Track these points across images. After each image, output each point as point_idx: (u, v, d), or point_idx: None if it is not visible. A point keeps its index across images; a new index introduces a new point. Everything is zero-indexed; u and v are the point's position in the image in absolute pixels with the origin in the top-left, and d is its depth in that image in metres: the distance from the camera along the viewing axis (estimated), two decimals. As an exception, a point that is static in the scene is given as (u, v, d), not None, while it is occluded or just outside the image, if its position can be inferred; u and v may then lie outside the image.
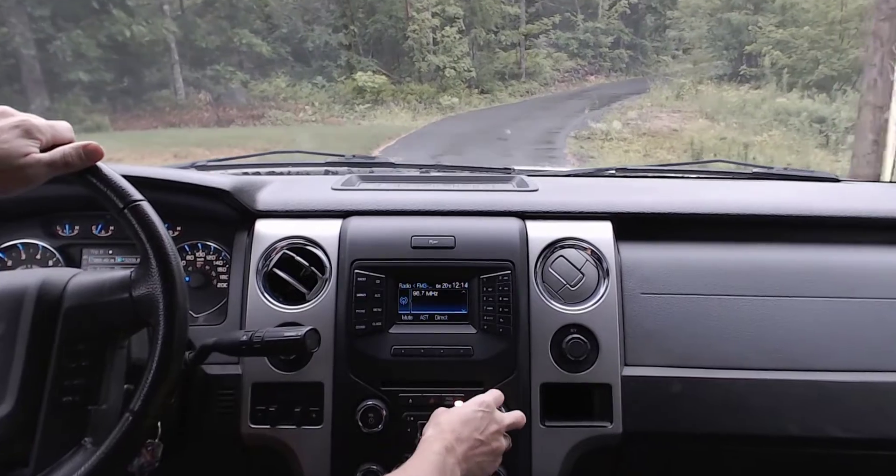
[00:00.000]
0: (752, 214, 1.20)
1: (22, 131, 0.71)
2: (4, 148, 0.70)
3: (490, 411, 0.93)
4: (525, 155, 9.14)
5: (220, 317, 1.12)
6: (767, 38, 14.99)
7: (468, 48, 18.53)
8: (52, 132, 0.74)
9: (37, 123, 0.73)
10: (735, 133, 10.59)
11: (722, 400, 1.05)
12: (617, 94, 17.22)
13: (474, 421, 0.90)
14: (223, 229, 1.19)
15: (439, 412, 0.94)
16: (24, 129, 0.71)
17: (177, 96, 15.26)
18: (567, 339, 1.06)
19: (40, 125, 0.73)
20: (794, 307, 1.11)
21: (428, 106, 16.09)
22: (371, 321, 1.06)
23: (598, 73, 22.44)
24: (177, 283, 0.77)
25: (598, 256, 1.12)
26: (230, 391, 1.06)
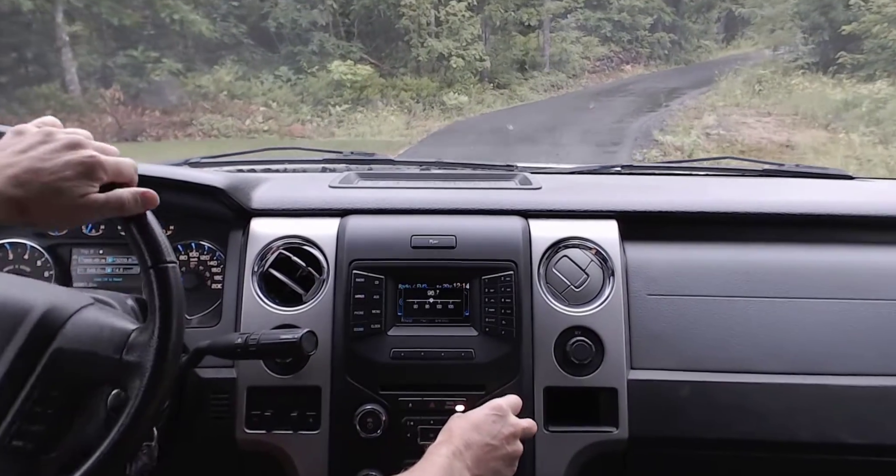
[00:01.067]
0: (762, 213, 1.20)
1: (86, 169, 0.70)
2: (65, 186, 0.69)
3: (504, 415, 0.93)
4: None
5: (215, 319, 1.13)
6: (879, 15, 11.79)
7: (480, 30, 15.29)
8: (115, 171, 0.73)
9: (103, 162, 0.71)
10: (874, 148, 7.46)
11: (731, 404, 1.05)
12: (669, 89, 14.77)
13: (486, 425, 0.90)
14: (217, 228, 1.19)
15: (453, 418, 0.94)
16: (89, 167, 0.70)
17: (67, 92, 11.16)
18: (571, 341, 1.06)
19: (106, 164, 0.71)
20: (807, 309, 1.11)
21: (428, 106, 13.26)
22: (370, 323, 1.06)
23: (635, 62, 20.11)
24: (167, 361, 0.75)
25: (603, 256, 1.12)
26: (225, 395, 1.06)
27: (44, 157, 0.69)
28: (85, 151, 0.71)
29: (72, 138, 0.71)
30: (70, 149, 0.70)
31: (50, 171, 0.68)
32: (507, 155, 8.39)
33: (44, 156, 0.69)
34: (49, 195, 0.68)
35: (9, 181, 0.67)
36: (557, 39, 18.02)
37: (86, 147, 0.71)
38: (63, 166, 0.69)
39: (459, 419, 0.93)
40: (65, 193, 0.69)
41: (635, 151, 8.18)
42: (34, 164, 0.68)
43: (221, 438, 1.05)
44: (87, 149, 0.71)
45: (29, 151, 0.69)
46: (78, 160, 0.70)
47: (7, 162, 0.68)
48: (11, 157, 0.69)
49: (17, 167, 0.68)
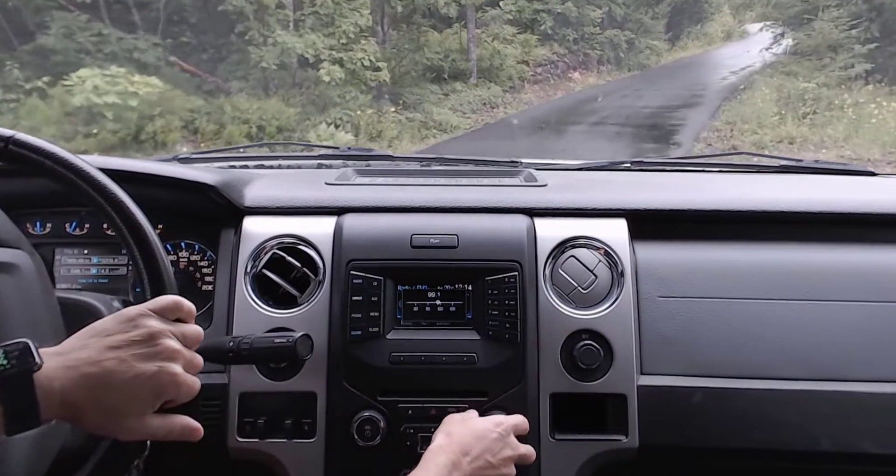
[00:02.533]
0: (779, 211, 1.20)
1: (160, 389, 0.66)
2: (130, 404, 0.65)
3: (507, 434, 0.93)
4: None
5: (205, 322, 1.13)
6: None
7: (371, 21, 10.11)
8: (181, 395, 0.69)
9: (180, 384, 0.68)
10: None
11: (746, 412, 1.05)
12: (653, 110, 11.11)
13: (488, 440, 0.90)
14: (208, 227, 1.19)
15: (452, 419, 0.95)
16: (165, 387, 0.67)
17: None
18: (578, 345, 1.06)
19: (181, 389, 0.68)
20: (826, 312, 1.10)
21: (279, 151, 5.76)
22: (368, 326, 1.06)
23: (584, 68, 16.53)
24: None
25: (611, 257, 1.12)
26: (216, 402, 1.06)
27: (131, 364, 0.65)
28: (172, 367, 0.67)
29: (169, 347, 0.68)
30: (161, 359, 0.67)
31: (125, 380, 0.65)
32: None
33: (132, 361, 0.65)
34: (109, 406, 0.65)
35: (80, 381, 0.63)
36: (486, 37, 13.76)
37: (178, 360, 0.68)
38: (143, 380, 0.65)
39: (459, 424, 0.93)
40: (124, 409, 0.66)
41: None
42: (116, 367, 0.65)
43: (212, 447, 1.06)
44: (177, 364, 0.68)
45: (120, 350, 0.66)
46: (158, 376, 0.67)
47: (92, 357, 0.65)
48: (100, 352, 0.65)
49: (99, 367, 0.64)
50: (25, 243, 0.82)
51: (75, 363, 0.64)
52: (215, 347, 0.94)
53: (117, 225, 0.80)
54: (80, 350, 0.66)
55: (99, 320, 0.69)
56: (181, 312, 0.73)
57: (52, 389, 0.62)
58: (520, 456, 0.94)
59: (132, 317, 0.69)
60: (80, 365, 0.64)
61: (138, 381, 0.65)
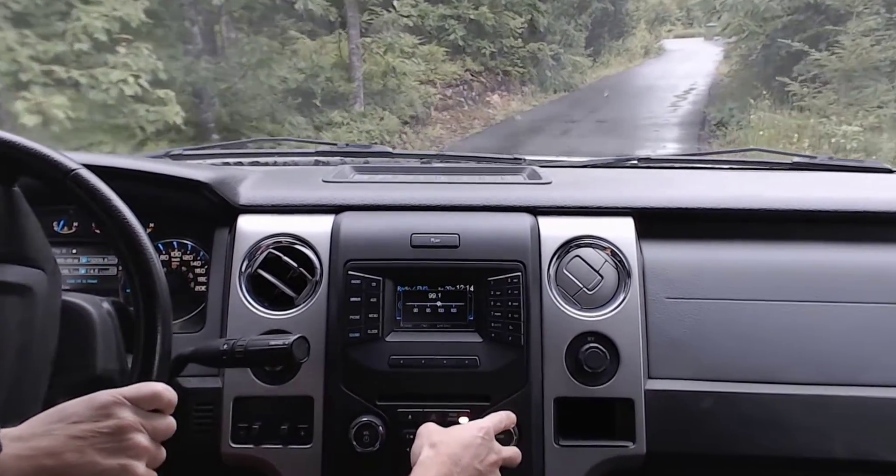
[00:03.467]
0: (792, 210, 1.20)
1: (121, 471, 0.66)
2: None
3: (490, 439, 0.93)
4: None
5: (198, 324, 1.13)
6: None
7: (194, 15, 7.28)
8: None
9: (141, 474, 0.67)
10: None
11: (758, 417, 1.05)
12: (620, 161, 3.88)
13: (474, 447, 0.90)
14: (201, 226, 1.19)
15: (432, 430, 0.94)
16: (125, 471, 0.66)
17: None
18: (584, 348, 1.06)
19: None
20: (840, 314, 1.10)
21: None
22: (366, 328, 1.06)
23: (505, 88, 13.65)
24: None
25: (618, 257, 1.12)
26: (209, 406, 1.06)
27: (92, 458, 0.64)
28: (135, 467, 0.67)
29: (137, 444, 0.67)
30: (126, 456, 0.66)
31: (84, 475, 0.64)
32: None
33: (94, 456, 0.65)
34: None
35: (35, 473, 0.62)
36: (377, 49, 10.15)
37: (141, 458, 0.68)
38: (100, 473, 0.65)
39: (445, 434, 0.93)
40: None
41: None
42: (77, 461, 0.64)
43: (205, 453, 1.06)
44: (141, 460, 0.68)
45: (84, 441, 0.65)
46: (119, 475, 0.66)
47: (54, 447, 0.64)
48: (62, 442, 0.64)
49: (58, 459, 0.63)
50: (50, 262, 0.81)
51: (34, 453, 0.63)
52: (209, 350, 0.94)
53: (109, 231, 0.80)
54: (42, 437, 0.64)
55: (69, 403, 0.68)
56: (160, 403, 0.72)
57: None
58: (503, 459, 0.94)
59: (104, 404, 0.68)
60: (38, 455, 0.63)
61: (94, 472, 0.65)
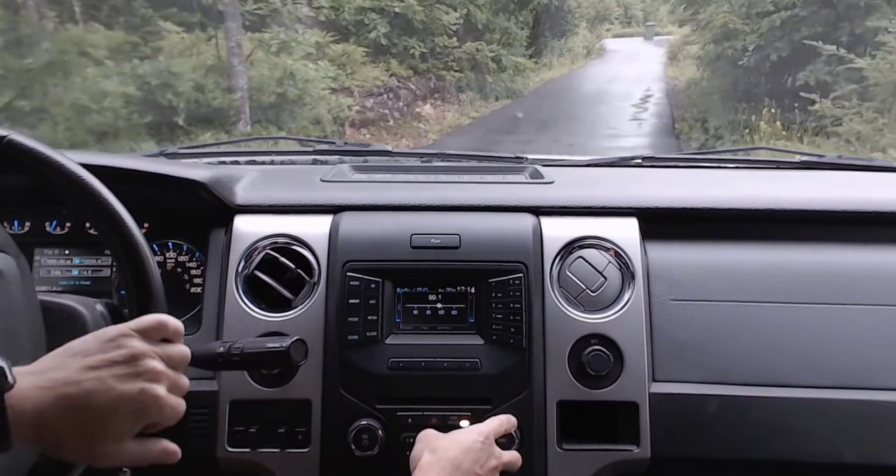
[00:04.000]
0: (800, 209, 1.20)
1: (141, 409, 0.66)
2: (107, 424, 0.64)
3: (490, 443, 0.93)
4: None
5: (194, 326, 1.13)
6: None
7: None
8: (164, 418, 0.69)
9: (162, 406, 0.67)
10: None
11: (765, 422, 1.05)
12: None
13: (475, 452, 0.90)
14: (197, 226, 1.19)
15: (431, 435, 0.94)
16: (145, 408, 0.66)
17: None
18: (587, 351, 1.06)
19: (164, 410, 0.68)
20: (850, 316, 1.10)
21: None
22: (365, 331, 1.06)
23: (439, 97, 11.63)
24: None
25: (622, 258, 1.12)
26: (205, 410, 1.06)
27: (110, 384, 0.65)
28: (154, 389, 0.67)
29: (152, 368, 0.67)
30: (143, 380, 0.67)
31: (105, 400, 0.64)
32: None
33: (112, 382, 0.65)
34: (86, 431, 0.64)
35: (56, 403, 0.62)
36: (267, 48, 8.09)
37: (160, 381, 0.68)
38: (124, 401, 0.65)
39: (444, 439, 0.93)
40: (102, 433, 0.65)
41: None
42: (96, 387, 0.64)
43: (201, 457, 1.06)
44: (161, 385, 0.68)
45: (101, 370, 0.65)
46: (140, 398, 0.66)
47: (70, 378, 0.64)
48: (79, 373, 0.64)
49: (77, 387, 0.63)
50: (12, 246, 0.81)
51: (51, 383, 0.63)
52: (204, 353, 0.94)
53: (102, 227, 0.80)
54: (57, 370, 0.65)
55: (77, 339, 0.69)
56: (167, 332, 0.72)
57: (24, 410, 0.61)
58: (504, 464, 0.94)
59: (113, 337, 0.68)
60: (56, 386, 0.63)
61: (119, 402, 0.65)
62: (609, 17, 31.16)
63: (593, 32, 26.19)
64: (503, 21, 14.00)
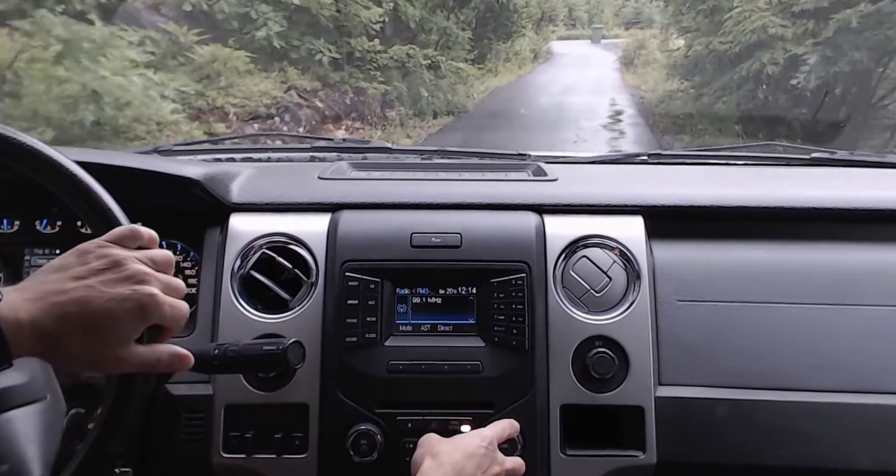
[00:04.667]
0: (810, 208, 1.19)
1: (139, 309, 0.66)
2: (109, 327, 0.65)
3: (493, 449, 0.93)
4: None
5: (188, 328, 1.13)
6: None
7: None
8: (167, 319, 0.69)
9: (161, 304, 0.68)
10: None
11: (775, 426, 1.05)
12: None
13: (478, 457, 0.90)
14: (191, 225, 1.19)
15: (433, 440, 0.94)
16: (143, 308, 0.67)
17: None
18: (591, 353, 1.06)
19: (163, 309, 0.68)
20: (862, 317, 1.10)
21: None
22: (364, 332, 1.06)
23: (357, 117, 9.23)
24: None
25: (627, 257, 1.12)
26: (199, 415, 1.06)
27: (101, 290, 0.65)
28: (147, 288, 0.68)
29: (138, 270, 0.68)
30: (133, 282, 0.67)
31: (101, 306, 0.65)
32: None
33: (102, 288, 0.66)
34: (88, 336, 0.65)
35: (50, 310, 0.63)
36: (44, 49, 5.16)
37: (150, 282, 0.68)
38: (118, 303, 0.65)
39: (444, 443, 0.93)
40: (105, 337, 0.66)
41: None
42: (87, 294, 0.65)
43: (195, 463, 1.05)
44: (151, 285, 0.68)
45: (88, 278, 0.66)
46: (137, 297, 0.67)
47: (58, 288, 0.65)
48: (65, 283, 0.65)
49: (68, 295, 0.64)
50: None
51: (41, 295, 0.64)
52: (199, 355, 0.93)
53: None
54: (43, 284, 0.66)
55: (53, 260, 0.69)
56: (142, 240, 0.72)
57: (19, 321, 0.62)
58: (507, 471, 0.94)
59: (90, 249, 0.69)
60: (46, 296, 0.64)
61: (114, 304, 0.65)
62: (556, 18, 30.11)
63: (539, 34, 24.87)
64: (441, 20, 11.89)
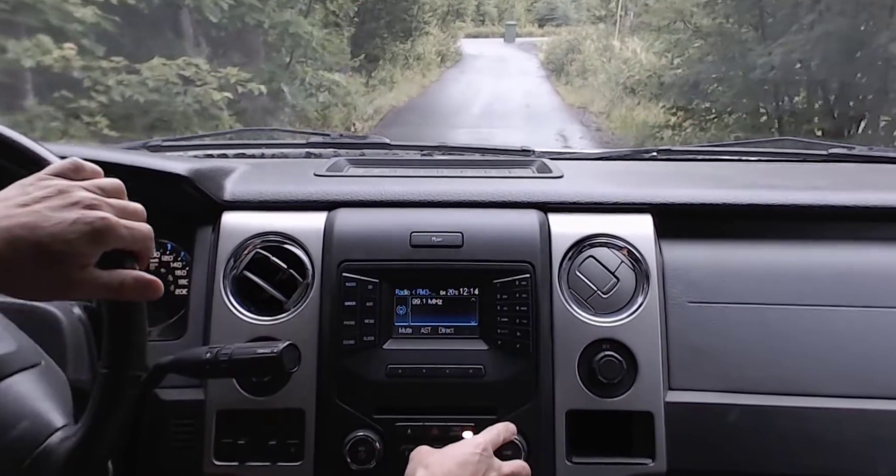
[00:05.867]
0: (828, 205, 1.19)
1: (94, 233, 0.66)
2: (64, 251, 0.64)
3: (488, 455, 0.93)
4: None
5: (179, 330, 1.13)
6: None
7: None
8: (127, 241, 0.69)
9: (116, 226, 0.68)
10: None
11: (790, 433, 1.05)
12: None
13: (471, 465, 0.90)
14: (182, 224, 1.19)
15: (424, 452, 0.94)
16: (98, 230, 0.66)
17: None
18: (598, 357, 1.06)
19: (119, 231, 0.68)
20: (882, 320, 1.10)
21: None
22: (362, 335, 1.06)
23: None
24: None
25: (635, 257, 1.12)
26: (190, 421, 1.06)
27: (48, 215, 0.65)
28: (96, 212, 0.67)
29: (85, 196, 0.68)
30: (81, 207, 0.67)
31: (50, 230, 0.65)
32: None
33: (48, 212, 0.65)
34: (42, 259, 0.65)
35: (2, 235, 0.63)
36: None
37: (100, 207, 0.68)
38: (68, 226, 0.65)
39: (437, 454, 0.92)
40: (61, 260, 0.65)
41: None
42: (34, 219, 0.65)
43: (186, 472, 1.06)
44: (102, 210, 0.68)
45: (32, 205, 0.66)
46: (87, 220, 0.66)
47: (3, 214, 0.65)
48: (9, 210, 0.65)
49: (13, 221, 0.64)
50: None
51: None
52: (190, 359, 0.94)
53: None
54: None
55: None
56: (84, 172, 0.72)
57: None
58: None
59: (31, 182, 0.69)
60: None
61: (63, 227, 0.65)
62: (464, 12, 27.75)
63: (446, 32, 23.05)
64: (279, 14, 8.11)
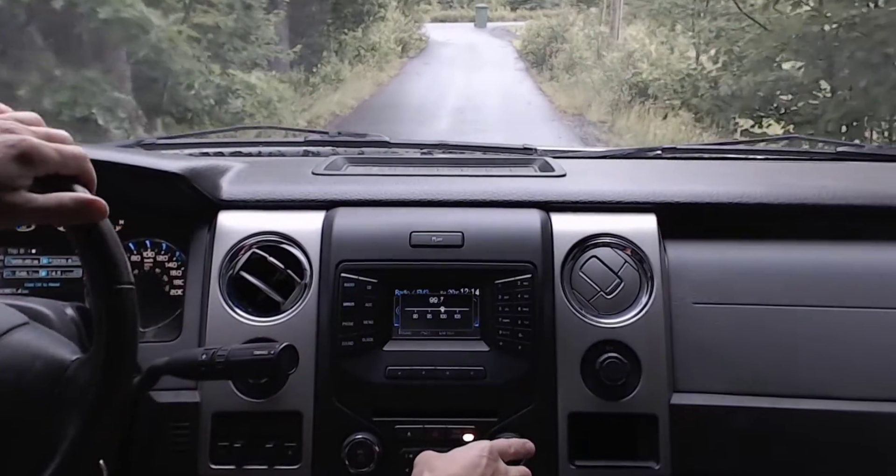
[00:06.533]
0: (836, 205, 1.19)
1: (18, 154, 0.66)
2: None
3: (494, 459, 0.93)
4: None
5: (174, 331, 1.13)
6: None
7: None
8: (57, 160, 0.69)
9: (39, 146, 0.68)
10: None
11: (798, 437, 1.05)
12: None
13: (478, 469, 0.90)
14: (177, 223, 1.19)
15: (429, 456, 0.94)
16: (21, 151, 0.66)
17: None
18: (601, 358, 1.06)
19: (45, 150, 0.68)
20: (894, 321, 1.09)
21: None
22: (361, 336, 1.06)
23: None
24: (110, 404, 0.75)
25: (639, 257, 1.12)
26: (186, 424, 1.06)
27: None
28: (17, 136, 0.68)
29: (3, 123, 0.68)
30: (1, 132, 0.67)
31: None
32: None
33: None
34: None
35: None
36: None
37: (20, 131, 0.69)
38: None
39: (440, 458, 0.92)
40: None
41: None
42: None
43: (182, 475, 1.06)
44: (21, 133, 0.68)
45: None
46: (9, 143, 0.67)
47: None
48: None
49: None
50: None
51: None
52: (185, 361, 0.94)
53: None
54: None
55: None
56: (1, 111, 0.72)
57: None
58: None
59: None
60: None
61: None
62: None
63: (409, 15, 20.45)
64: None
